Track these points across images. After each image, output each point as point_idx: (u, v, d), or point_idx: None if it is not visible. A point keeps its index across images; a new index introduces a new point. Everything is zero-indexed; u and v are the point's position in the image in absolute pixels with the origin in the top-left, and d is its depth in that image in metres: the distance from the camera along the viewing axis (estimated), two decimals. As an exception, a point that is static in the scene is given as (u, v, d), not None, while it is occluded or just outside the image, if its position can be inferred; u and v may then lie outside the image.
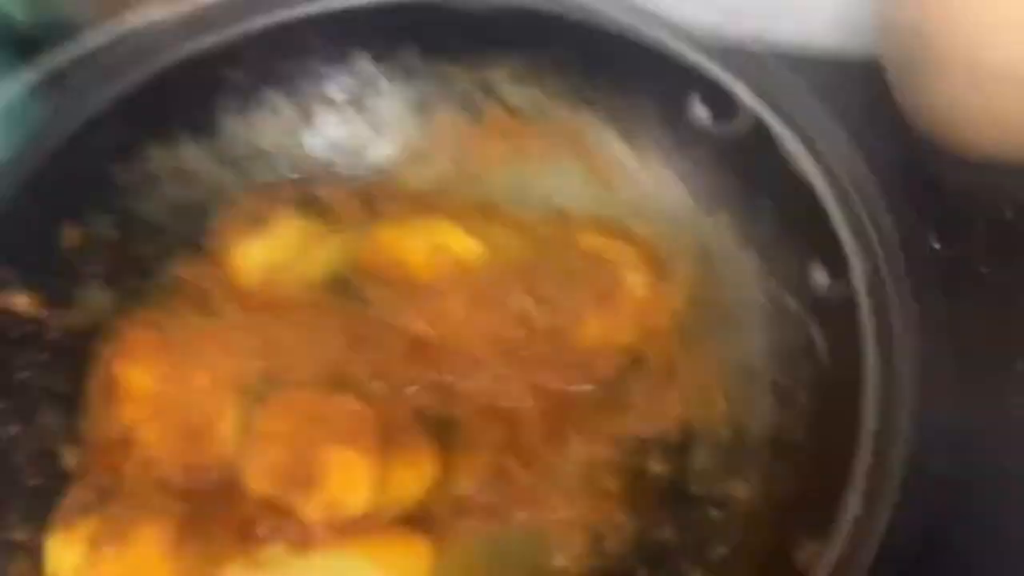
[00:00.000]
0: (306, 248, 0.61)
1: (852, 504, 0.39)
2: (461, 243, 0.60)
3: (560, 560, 0.51)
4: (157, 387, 0.54)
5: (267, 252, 0.60)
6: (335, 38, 0.65)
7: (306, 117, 0.67)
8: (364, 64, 0.67)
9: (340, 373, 0.53)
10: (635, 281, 0.57)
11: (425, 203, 0.63)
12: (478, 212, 0.63)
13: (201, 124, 0.65)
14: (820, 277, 0.48)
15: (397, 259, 0.59)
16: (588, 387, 0.56)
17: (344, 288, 0.59)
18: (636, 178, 0.62)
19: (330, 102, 0.67)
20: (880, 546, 0.38)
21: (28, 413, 0.54)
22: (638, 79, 0.60)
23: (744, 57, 0.55)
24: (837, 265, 0.47)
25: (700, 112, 0.57)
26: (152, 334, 0.56)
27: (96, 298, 0.59)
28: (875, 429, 0.40)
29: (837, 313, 0.46)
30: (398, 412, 0.52)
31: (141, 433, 0.54)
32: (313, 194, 0.63)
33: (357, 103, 0.68)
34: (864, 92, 0.75)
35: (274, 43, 0.65)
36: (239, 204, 0.63)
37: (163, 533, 0.48)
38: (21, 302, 0.56)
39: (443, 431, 0.53)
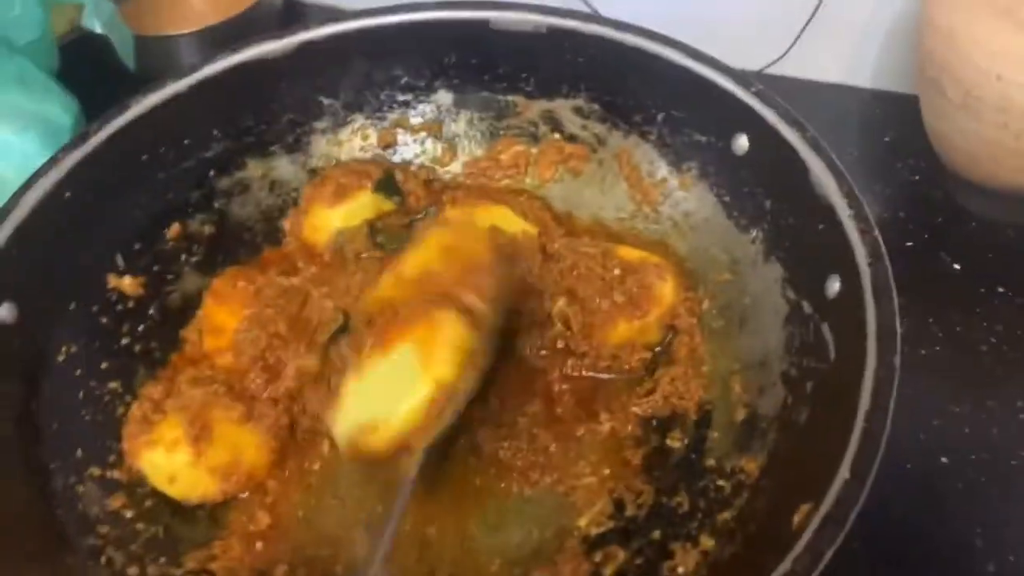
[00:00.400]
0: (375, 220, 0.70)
1: (843, 469, 0.45)
2: (516, 225, 0.68)
3: (583, 521, 0.57)
4: (240, 327, 0.63)
5: (342, 219, 0.69)
6: (421, 70, 0.76)
7: (388, 140, 0.77)
8: (444, 95, 0.76)
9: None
10: (663, 290, 0.64)
11: (487, 195, 0.72)
12: (533, 208, 0.71)
13: (295, 143, 0.75)
14: (834, 285, 0.54)
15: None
16: (616, 376, 0.63)
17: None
18: (677, 198, 0.70)
19: (410, 128, 0.77)
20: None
21: (128, 373, 0.64)
22: (689, 112, 0.68)
23: (780, 96, 0.62)
24: (851, 277, 0.53)
25: (742, 142, 0.64)
26: (243, 284, 0.65)
27: (190, 282, 0.69)
28: (868, 408, 0.46)
29: (846, 316, 0.52)
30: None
31: (217, 359, 0.62)
32: (391, 174, 0.72)
33: (434, 129, 0.77)
34: (901, 125, 0.84)
35: (367, 76, 0.75)
36: (326, 175, 0.72)
37: (229, 412, 0.57)
38: (127, 283, 0.67)
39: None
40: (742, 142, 0.64)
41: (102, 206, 0.65)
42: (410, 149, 0.78)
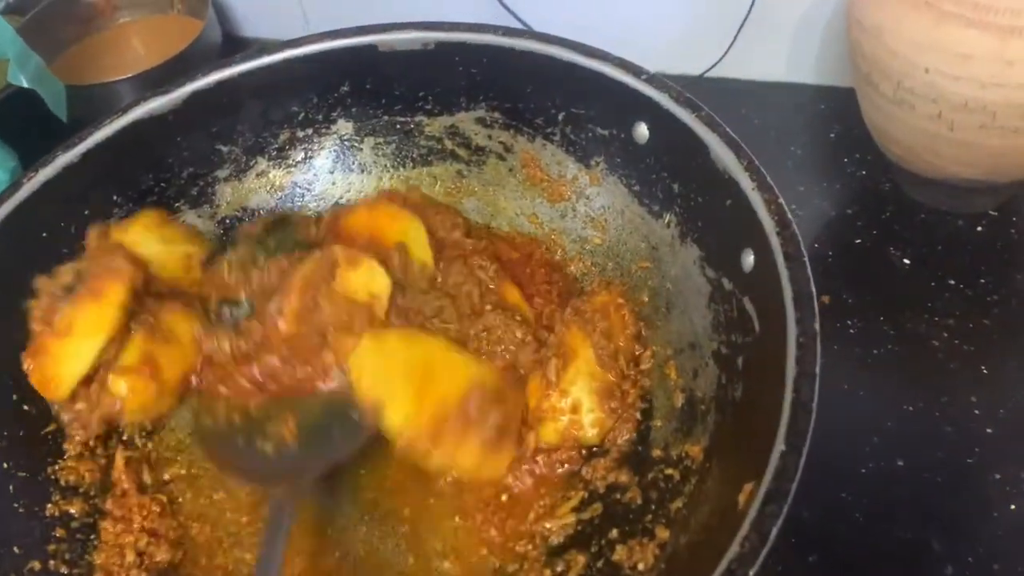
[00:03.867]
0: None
1: (779, 442, 0.45)
2: (422, 252, 0.68)
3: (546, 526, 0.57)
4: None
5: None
6: (316, 103, 0.75)
7: (292, 175, 0.76)
8: (343, 125, 0.76)
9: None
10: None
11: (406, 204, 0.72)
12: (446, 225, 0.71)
13: (199, 195, 0.74)
14: (748, 259, 0.54)
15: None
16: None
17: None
18: (590, 194, 0.70)
19: (315, 165, 0.77)
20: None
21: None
22: (588, 108, 0.68)
23: (722, 98, 0.62)
24: (762, 248, 0.53)
25: (642, 131, 0.64)
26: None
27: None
28: (795, 375, 0.47)
29: (763, 287, 0.51)
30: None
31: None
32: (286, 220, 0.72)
33: (342, 162, 0.77)
34: (846, 120, 0.82)
35: (263, 117, 0.74)
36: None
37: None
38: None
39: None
40: (642, 130, 0.64)
41: (6, 291, 0.63)
42: (319, 186, 0.77)
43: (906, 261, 0.73)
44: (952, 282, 0.71)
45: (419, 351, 0.60)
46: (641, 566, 0.51)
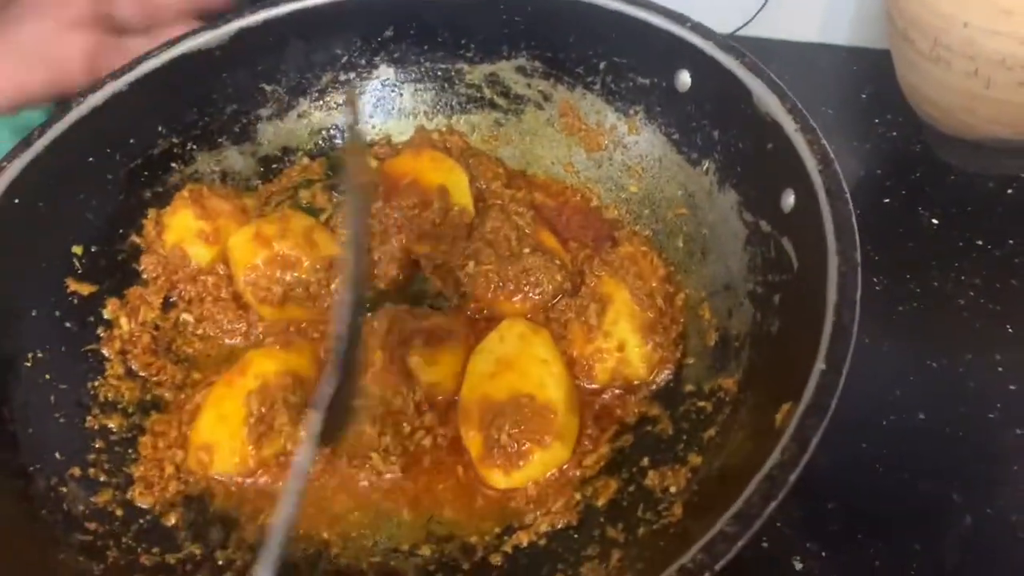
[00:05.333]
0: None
1: (818, 362, 0.46)
2: (463, 197, 0.70)
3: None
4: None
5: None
6: (360, 47, 0.76)
7: (333, 117, 0.77)
8: (386, 70, 0.77)
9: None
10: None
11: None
12: (486, 172, 0.72)
13: (242, 132, 0.75)
14: (789, 199, 0.55)
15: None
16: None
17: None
18: (628, 142, 0.71)
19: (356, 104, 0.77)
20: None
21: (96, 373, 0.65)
22: (630, 57, 0.69)
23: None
24: (804, 186, 0.54)
25: (684, 79, 0.65)
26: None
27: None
28: (836, 301, 0.47)
29: (804, 225, 0.52)
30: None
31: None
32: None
33: (382, 106, 0.78)
34: (878, 82, 0.83)
35: (307, 59, 0.75)
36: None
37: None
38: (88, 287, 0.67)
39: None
40: (684, 78, 0.65)
41: (54, 211, 0.64)
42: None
43: (934, 221, 0.74)
44: (980, 242, 0.72)
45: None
46: (673, 489, 0.52)
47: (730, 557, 0.40)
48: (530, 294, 0.64)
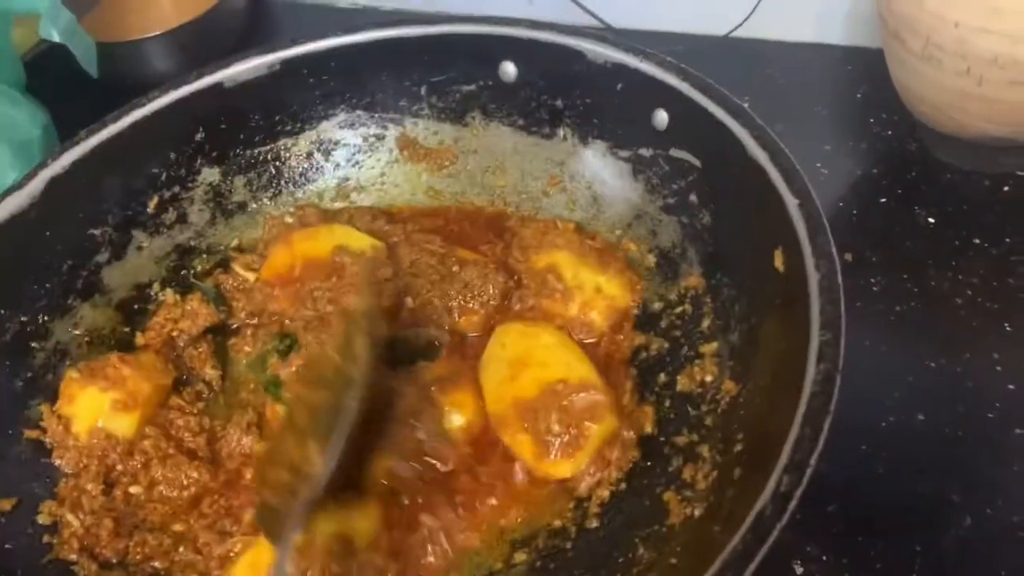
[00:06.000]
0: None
1: (789, 199, 0.50)
2: (362, 241, 0.69)
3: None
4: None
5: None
6: (175, 158, 0.73)
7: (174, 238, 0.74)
8: (209, 172, 0.74)
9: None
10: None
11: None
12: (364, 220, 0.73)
13: (86, 288, 0.69)
14: (661, 116, 0.62)
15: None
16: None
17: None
18: (475, 146, 0.74)
19: (191, 220, 0.74)
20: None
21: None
22: (444, 72, 0.73)
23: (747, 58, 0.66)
24: (673, 100, 0.61)
25: (508, 68, 0.70)
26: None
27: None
28: (767, 157, 0.55)
29: (687, 130, 0.60)
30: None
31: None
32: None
33: (219, 209, 0.75)
34: (872, 81, 0.83)
35: (125, 191, 0.70)
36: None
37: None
38: None
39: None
40: (508, 69, 0.71)
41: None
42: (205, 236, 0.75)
43: (931, 220, 0.73)
44: (977, 241, 0.72)
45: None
46: (710, 378, 0.56)
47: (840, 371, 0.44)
48: (480, 304, 0.65)
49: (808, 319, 0.47)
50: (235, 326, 0.69)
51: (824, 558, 0.55)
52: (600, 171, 0.69)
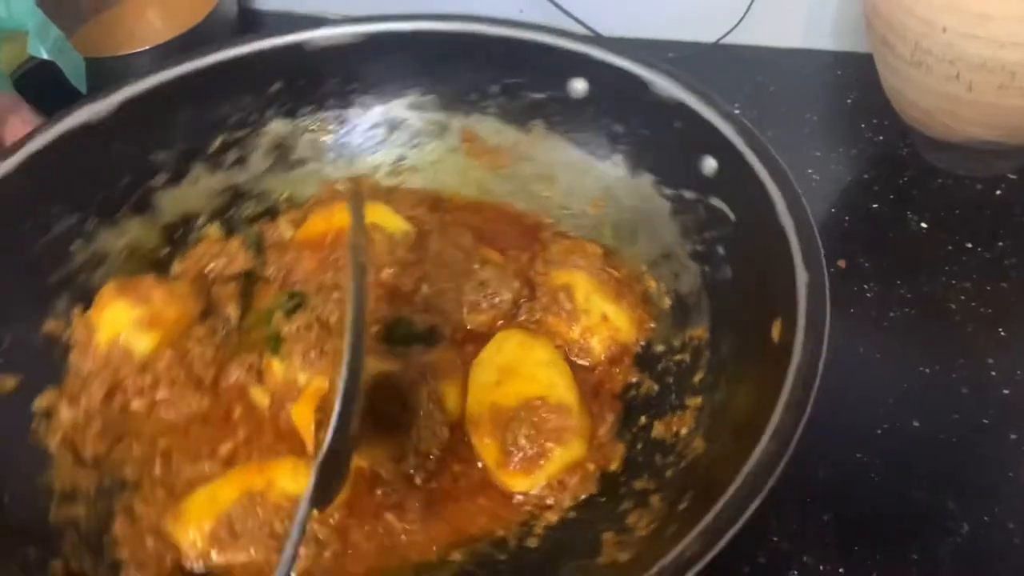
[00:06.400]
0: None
1: (799, 272, 0.50)
2: (395, 224, 0.71)
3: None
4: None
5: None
6: (249, 104, 0.75)
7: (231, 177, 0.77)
8: (278, 124, 0.77)
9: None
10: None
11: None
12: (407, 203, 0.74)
13: (140, 203, 0.72)
14: (710, 163, 0.61)
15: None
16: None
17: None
18: (534, 154, 0.75)
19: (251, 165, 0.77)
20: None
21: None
22: (522, 77, 0.73)
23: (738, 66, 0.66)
24: (724, 149, 0.59)
25: (579, 85, 0.71)
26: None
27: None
28: (794, 225, 0.53)
29: (732, 179, 0.59)
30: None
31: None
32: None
33: (279, 160, 0.77)
34: (863, 86, 0.84)
35: (196, 122, 0.74)
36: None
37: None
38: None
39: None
40: (578, 86, 0.71)
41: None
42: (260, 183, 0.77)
43: (923, 225, 0.74)
44: (970, 245, 0.72)
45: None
46: (684, 431, 0.56)
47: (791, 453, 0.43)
48: (491, 305, 0.66)
49: (778, 395, 0.46)
50: (264, 275, 0.72)
51: (820, 568, 0.56)
52: (642, 203, 0.69)
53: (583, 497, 0.56)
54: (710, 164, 0.63)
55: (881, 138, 0.82)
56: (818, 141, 0.62)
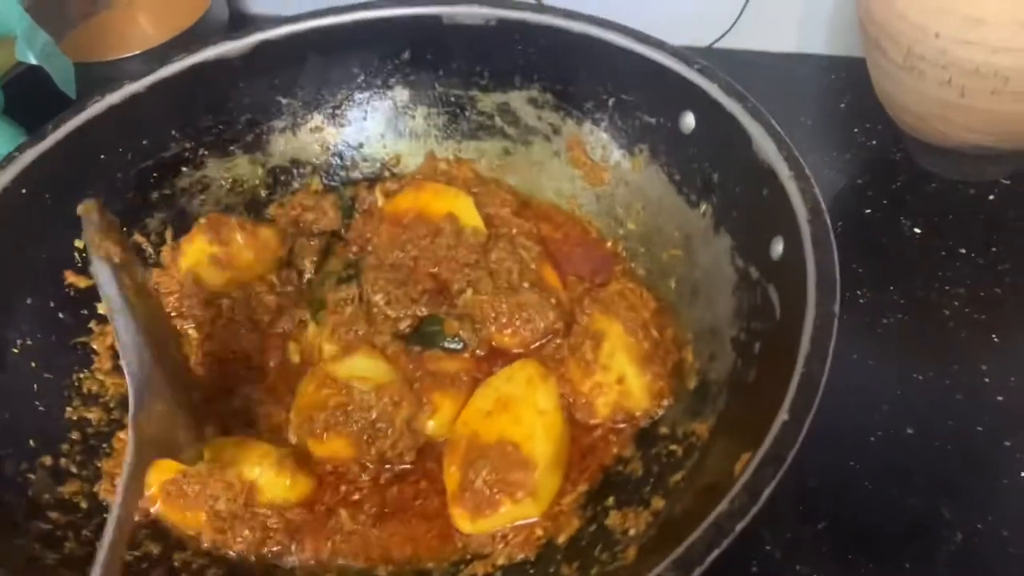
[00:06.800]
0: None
1: (782, 413, 0.45)
2: (472, 219, 0.70)
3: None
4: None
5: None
6: (377, 67, 0.77)
7: (345, 134, 0.78)
8: (400, 92, 0.78)
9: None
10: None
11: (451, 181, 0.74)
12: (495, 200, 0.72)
13: (254, 142, 0.76)
14: (778, 247, 0.54)
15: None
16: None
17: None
18: (630, 179, 0.70)
19: (367, 126, 0.78)
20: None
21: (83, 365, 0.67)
22: (638, 95, 0.69)
23: (731, 69, 0.63)
24: (792, 234, 0.53)
25: (689, 120, 0.65)
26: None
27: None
28: (807, 353, 0.46)
29: (789, 274, 0.51)
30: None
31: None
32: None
33: (393, 127, 0.78)
34: (856, 90, 0.82)
35: (324, 75, 0.76)
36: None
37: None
38: (86, 281, 0.67)
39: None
40: (689, 120, 0.65)
41: (60, 204, 0.66)
42: (370, 149, 0.79)
43: (917, 230, 0.73)
44: (963, 251, 0.71)
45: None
46: (632, 531, 0.51)
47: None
48: (521, 329, 0.63)
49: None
50: (346, 237, 0.74)
51: None
52: (713, 266, 0.62)
53: (519, 558, 0.53)
54: (779, 247, 0.55)
55: (874, 143, 0.81)
56: (811, 146, 0.60)
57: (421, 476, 0.59)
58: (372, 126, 0.78)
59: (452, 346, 0.64)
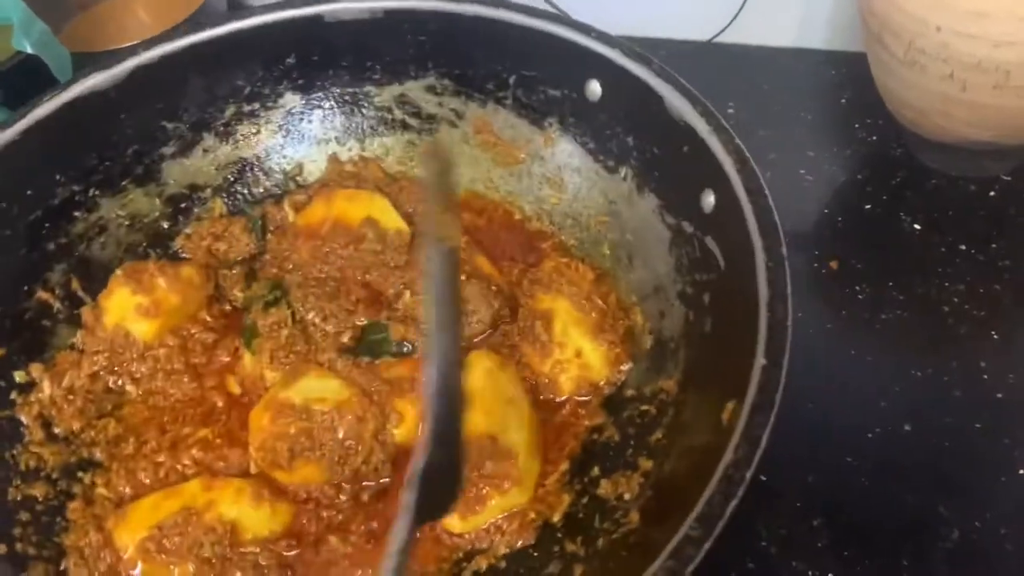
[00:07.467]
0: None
1: (759, 358, 0.47)
2: (392, 221, 0.69)
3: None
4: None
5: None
6: (262, 76, 0.74)
7: (240, 151, 0.75)
8: (291, 97, 0.75)
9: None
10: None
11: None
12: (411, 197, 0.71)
13: (145, 173, 0.72)
14: (709, 199, 0.56)
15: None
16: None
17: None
18: (545, 155, 0.71)
19: (262, 139, 0.76)
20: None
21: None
22: (540, 70, 0.69)
23: (731, 64, 0.62)
24: (723, 186, 0.55)
25: (595, 88, 0.66)
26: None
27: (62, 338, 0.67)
28: (768, 297, 0.49)
29: (726, 224, 0.54)
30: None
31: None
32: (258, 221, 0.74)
33: (290, 135, 0.76)
34: (857, 86, 0.81)
35: (208, 92, 0.73)
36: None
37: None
38: None
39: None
40: (595, 88, 0.66)
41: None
42: (271, 162, 0.76)
43: (916, 226, 0.72)
44: (963, 247, 0.70)
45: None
46: (627, 496, 0.52)
47: (698, 561, 0.40)
48: (469, 322, 0.63)
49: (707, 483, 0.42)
50: (265, 258, 0.72)
51: (810, 573, 0.55)
52: (643, 227, 0.63)
53: (519, 545, 0.54)
54: (709, 200, 0.57)
55: (875, 138, 0.80)
56: (811, 141, 0.60)
57: (400, 486, 0.58)
58: (267, 138, 0.75)
59: (402, 351, 0.64)
